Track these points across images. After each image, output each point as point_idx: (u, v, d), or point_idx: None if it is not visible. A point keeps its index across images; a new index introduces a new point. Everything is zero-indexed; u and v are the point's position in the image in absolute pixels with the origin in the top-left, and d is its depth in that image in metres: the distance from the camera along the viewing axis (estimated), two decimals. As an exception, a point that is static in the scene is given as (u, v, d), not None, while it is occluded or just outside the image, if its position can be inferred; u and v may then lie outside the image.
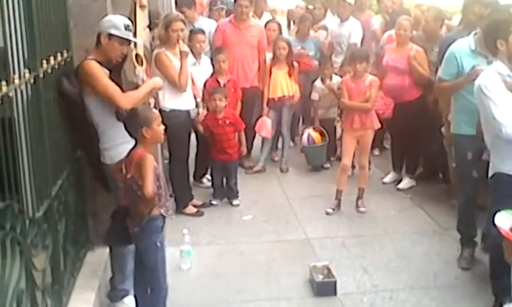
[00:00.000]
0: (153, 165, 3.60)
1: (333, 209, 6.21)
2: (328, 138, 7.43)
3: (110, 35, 4.04)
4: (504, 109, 3.88)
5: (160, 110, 5.47)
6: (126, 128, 3.73)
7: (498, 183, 4.14)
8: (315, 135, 7.41)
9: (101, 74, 4.00)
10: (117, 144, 4.05)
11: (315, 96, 7.52)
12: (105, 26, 4.06)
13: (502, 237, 3.16)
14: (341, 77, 7.09)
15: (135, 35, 4.31)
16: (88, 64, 4.02)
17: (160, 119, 3.80)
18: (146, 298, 3.85)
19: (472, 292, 4.59)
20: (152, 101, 4.84)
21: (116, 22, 4.07)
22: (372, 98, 6.06)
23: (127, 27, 4.08)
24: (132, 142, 3.74)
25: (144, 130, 3.65)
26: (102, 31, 4.06)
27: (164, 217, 3.81)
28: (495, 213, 3.27)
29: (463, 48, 4.90)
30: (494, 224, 3.20)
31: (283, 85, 7.28)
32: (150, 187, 3.51)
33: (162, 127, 3.79)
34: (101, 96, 4.01)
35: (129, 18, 4.26)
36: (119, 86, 4.05)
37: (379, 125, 6.32)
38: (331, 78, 7.42)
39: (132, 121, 3.69)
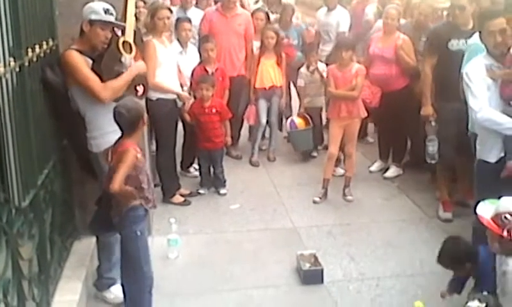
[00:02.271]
0: (132, 162, 3.60)
1: (320, 198, 6.23)
2: (313, 125, 7.42)
3: (91, 21, 4.02)
4: (479, 97, 4.15)
5: (146, 100, 5.46)
6: (120, 125, 3.69)
7: (478, 170, 4.30)
8: (298, 121, 7.40)
9: (81, 64, 3.97)
10: (104, 133, 4.04)
11: (300, 82, 7.50)
12: (86, 13, 4.04)
13: (485, 227, 3.20)
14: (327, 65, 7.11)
15: (124, 21, 4.27)
16: (69, 54, 3.99)
17: None
18: (132, 287, 3.86)
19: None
20: (140, 89, 4.80)
21: (95, 8, 4.05)
22: (358, 86, 6.07)
23: (106, 11, 4.05)
24: (118, 132, 3.72)
25: (146, 118, 3.74)
26: (83, 18, 4.05)
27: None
28: (478, 202, 3.32)
29: None
30: (476, 213, 3.25)
31: (271, 75, 7.27)
32: (117, 183, 3.52)
33: None
34: (82, 86, 3.99)
35: (112, 5, 4.21)
36: (100, 76, 4.01)
37: (365, 114, 6.34)
38: (316, 65, 7.40)
39: (134, 115, 3.68)
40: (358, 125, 6.30)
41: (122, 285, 3.96)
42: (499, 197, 3.25)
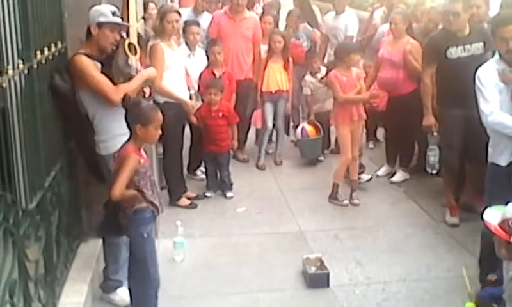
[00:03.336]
0: (133, 167, 3.57)
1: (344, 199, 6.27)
2: (323, 131, 7.42)
3: (99, 24, 4.03)
4: (490, 101, 4.16)
5: (154, 102, 5.47)
6: (126, 118, 3.69)
7: (490, 173, 4.31)
8: (309, 129, 7.41)
9: (92, 69, 3.99)
10: (112, 136, 4.07)
11: (307, 91, 7.52)
12: (93, 16, 4.06)
13: (492, 233, 3.19)
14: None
15: (127, 22, 4.29)
16: (78, 59, 4.01)
17: (160, 122, 3.73)
18: (138, 289, 3.86)
19: (464, 284, 4.60)
20: (147, 90, 4.81)
21: (103, 10, 4.07)
22: (364, 88, 6.16)
23: (114, 13, 4.08)
24: (127, 135, 3.72)
25: (138, 128, 3.62)
26: (90, 22, 4.06)
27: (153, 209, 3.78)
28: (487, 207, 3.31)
29: None
30: (483, 219, 3.24)
31: (278, 79, 7.26)
32: (117, 189, 3.52)
33: (158, 132, 3.74)
34: (93, 90, 4.00)
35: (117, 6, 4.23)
36: (111, 79, 4.03)
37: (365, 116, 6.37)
38: (320, 70, 7.40)
39: (132, 114, 3.66)
40: (362, 127, 6.33)
41: (129, 289, 3.97)
42: (507, 202, 3.25)
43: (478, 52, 5.36)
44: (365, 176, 6.73)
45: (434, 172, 5.85)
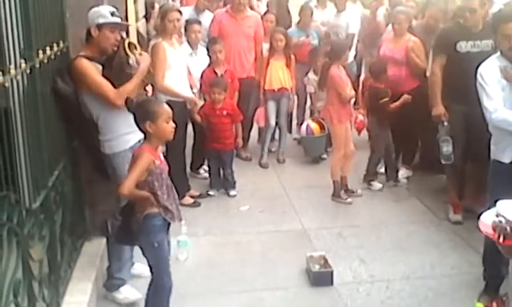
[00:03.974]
0: (146, 166, 3.49)
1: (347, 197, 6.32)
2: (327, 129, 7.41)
3: (99, 26, 4.03)
4: (494, 98, 4.11)
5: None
6: (135, 120, 3.62)
7: (492, 170, 4.27)
8: (314, 126, 7.40)
9: (93, 72, 4.00)
10: (117, 136, 4.09)
11: (310, 88, 7.52)
12: (92, 18, 4.06)
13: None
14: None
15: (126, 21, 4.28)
16: (79, 62, 4.01)
17: (169, 115, 3.61)
18: (151, 298, 3.79)
19: (468, 282, 4.61)
20: (149, 88, 4.81)
21: (101, 11, 4.08)
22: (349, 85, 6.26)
23: (113, 14, 4.08)
24: (133, 133, 3.70)
25: (149, 125, 3.52)
26: (90, 24, 4.06)
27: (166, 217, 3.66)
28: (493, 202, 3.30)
29: None
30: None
31: (280, 77, 7.26)
32: (125, 187, 3.44)
33: (171, 125, 3.61)
34: (95, 94, 4.01)
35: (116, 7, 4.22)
36: (112, 81, 4.02)
37: None
38: None
39: (139, 114, 3.59)
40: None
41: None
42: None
43: (487, 49, 5.30)
44: (376, 185, 6.67)
45: (449, 163, 5.65)
